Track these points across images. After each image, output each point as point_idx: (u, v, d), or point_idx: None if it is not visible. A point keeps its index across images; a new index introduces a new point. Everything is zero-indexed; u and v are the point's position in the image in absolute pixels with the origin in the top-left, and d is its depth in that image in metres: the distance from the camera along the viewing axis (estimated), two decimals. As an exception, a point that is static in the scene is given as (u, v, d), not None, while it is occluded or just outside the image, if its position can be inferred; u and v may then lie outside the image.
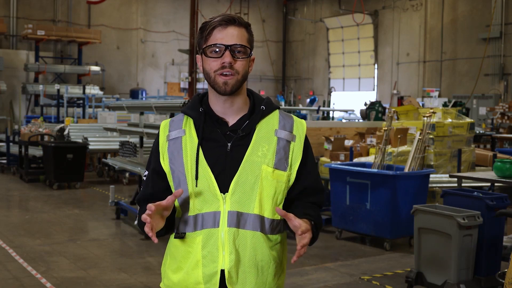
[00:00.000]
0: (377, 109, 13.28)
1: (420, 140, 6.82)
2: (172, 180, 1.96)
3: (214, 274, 1.89)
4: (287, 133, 1.98)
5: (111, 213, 8.50)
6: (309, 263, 6.09)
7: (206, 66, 1.94)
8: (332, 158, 8.62)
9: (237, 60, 1.91)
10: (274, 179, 1.92)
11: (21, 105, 20.68)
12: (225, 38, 1.90)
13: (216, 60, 1.91)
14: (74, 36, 21.78)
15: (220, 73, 1.90)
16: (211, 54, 1.91)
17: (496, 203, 4.93)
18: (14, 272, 5.61)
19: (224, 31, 1.91)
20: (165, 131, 2.01)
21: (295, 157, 1.98)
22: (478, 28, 20.98)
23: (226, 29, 1.91)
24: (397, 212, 6.50)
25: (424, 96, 20.77)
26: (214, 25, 1.91)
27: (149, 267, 5.85)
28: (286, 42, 29.88)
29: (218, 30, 1.91)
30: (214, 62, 1.91)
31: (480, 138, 13.26)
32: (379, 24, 25.18)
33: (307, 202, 2.01)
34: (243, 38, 1.93)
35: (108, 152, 12.82)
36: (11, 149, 13.21)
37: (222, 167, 1.91)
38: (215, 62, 1.91)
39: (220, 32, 1.91)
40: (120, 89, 24.36)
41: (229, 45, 1.89)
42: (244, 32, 1.94)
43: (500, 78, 20.28)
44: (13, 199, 10.15)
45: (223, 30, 1.91)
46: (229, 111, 1.97)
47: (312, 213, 1.95)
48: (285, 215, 1.81)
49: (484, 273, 4.95)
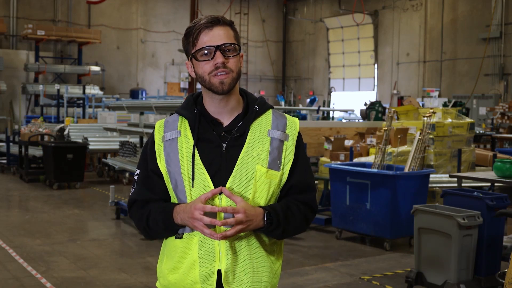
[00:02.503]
0: (377, 109, 13.28)
1: (420, 140, 6.82)
2: (170, 181, 1.97)
3: (211, 274, 1.91)
4: (280, 133, 1.99)
5: (111, 213, 8.50)
6: (309, 263, 6.09)
7: (198, 70, 1.94)
8: (332, 158, 8.62)
9: (229, 59, 1.92)
10: (268, 179, 1.94)
11: (21, 105, 20.68)
12: (213, 39, 1.91)
13: (208, 63, 1.91)
14: (74, 36, 21.78)
15: (214, 74, 1.91)
16: (202, 58, 1.92)
17: (496, 203, 4.93)
18: (14, 272, 5.61)
19: (211, 33, 1.91)
20: (160, 132, 2.01)
21: (287, 157, 1.99)
22: (478, 28, 20.97)
23: (212, 31, 1.92)
24: (397, 212, 6.50)
25: (424, 96, 20.76)
26: (200, 28, 1.92)
27: (149, 267, 5.85)
28: (286, 42, 29.88)
29: (205, 33, 1.92)
30: (206, 65, 1.92)
31: (480, 138, 13.26)
32: (379, 24, 25.18)
33: (293, 199, 2.00)
34: (230, 37, 1.93)
35: (108, 152, 12.82)
36: (11, 149, 13.21)
37: (217, 167, 1.93)
38: (207, 64, 1.92)
39: (206, 34, 1.91)
40: (120, 89, 24.35)
41: (218, 46, 1.90)
42: (230, 30, 1.95)
43: (500, 78, 20.28)
44: (13, 199, 10.15)
45: (210, 32, 1.91)
46: (224, 111, 1.98)
47: (277, 207, 1.93)
48: (229, 196, 1.85)
49: (484, 273, 4.95)
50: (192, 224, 1.84)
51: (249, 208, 1.85)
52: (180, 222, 1.90)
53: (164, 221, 1.94)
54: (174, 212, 1.91)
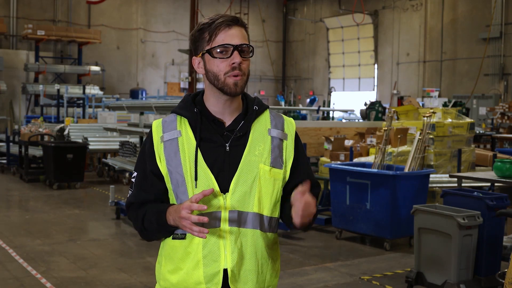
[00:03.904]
0: (377, 109, 13.28)
1: (420, 140, 6.82)
2: (170, 182, 1.95)
3: (216, 273, 1.90)
4: (279, 131, 2.00)
5: (111, 213, 8.50)
6: (309, 263, 6.09)
7: (212, 68, 1.92)
8: (332, 158, 8.62)
9: (244, 60, 1.91)
10: (271, 177, 1.95)
11: (21, 105, 20.69)
12: (232, 39, 1.89)
13: (225, 61, 1.89)
14: (74, 36, 21.78)
15: (231, 74, 1.89)
16: (218, 55, 1.90)
17: (496, 203, 4.93)
18: (14, 272, 5.61)
19: (230, 31, 1.90)
20: (159, 132, 1.99)
21: (288, 155, 2.00)
22: (478, 28, 20.98)
23: (231, 29, 1.90)
24: (397, 212, 6.49)
25: (424, 96, 20.76)
26: (219, 25, 1.90)
27: (149, 267, 5.85)
28: (286, 42, 29.88)
29: (224, 31, 1.90)
30: (222, 63, 1.90)
31: (480, 138, 13.27)
32: (379, 24, 25.18)
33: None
34: (246, 38, 1.94)
35: (108, 152, 12.82)
36: (11, 149, 13.21)
37: (221, 167, 1.92)
38: (223, 63, 1.90)
39: (225, 32, 1.90)
40: (120, 89, 24.35)
41: (237, 45, 1.89)
42: (245, 32, 1.95)
43: (500, 78, 20.28)
44: (13, 199, 10.15)
45: (229, 31, 1.90)
46: (227, 112, 1.97)
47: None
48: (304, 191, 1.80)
49: (484, 273, 4.95)
50: (181, 223, 1.82)
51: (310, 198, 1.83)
52: (172, 223, 1.88)
53: (158, 222, 1.92)
54: (167, 213, 1.89)
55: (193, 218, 1.78)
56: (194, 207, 1.78)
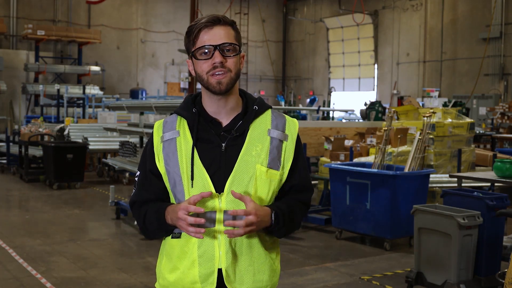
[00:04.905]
0: (377, 109, 13.28)
1: (420, 140, 6.82)
2: (168, 181, 1.98)
3: (210, 273, 1.91)
4: (279, 132, 2.00)
5: (111, 213, 8.50)
6: (309, 263, 6.09)
7: (197, 69, 1.95)
8: (332, 158, 8.62)
9: (228, 58, 1.92)
10: (267, 178, 1.95)
11: (21, 105, 20.68)
12: (212, 39, 1.91)
13: (207, 62, 1.92)
14: (74, 36, 21.78)
15: (212, 73, 1.91)
16: (201, 56, 1.93)
17: (496, 203, 4.93)
18: (14, 272, 5.61)
19: (211, 32, 1.92)
20: (159, 132, 2.02)
21: (287, 157, 2.00)
22: (478, 28, 20.98)
23: (212, 30, 1.92)
24: (397, 212, 6.49)
25: (424, 96, 20.76)
26: (200, 27, 1.92)
27: (149, 267, 5.85)
28: (286, 42, 29.88)
29: (205, 32, 1.92)
30: (205, 64, 1.92)
31: (480, 138, 13.27)
32: (379, 24, 25.18)
33: (293, 198, 2.03)
34: (230, 36, 1.94)
35: (108, 152, 12.81)
36: (11, 149, 13.21)
37: (217, 167, 1.93)
38: (205, 63, 1.92)
39: (206, 33, 1.92)
40: (120, 89, 24.36)
41: (217, 45, 1.91)
42: (231, 30, 1.95)
43: (500, 78, 20.28)
44: (13, 199, 10.15)
45: (210, 31, 1.92)
46: (223, 111, 1.98)
47: (283, 207, 1.95)
48: (240, 198, 1.84)
49: (484, 273, 4.95)
50: (178, 224, 1.85)
51: (259, 209, 1.86)
52: (170, 222, 1.91)
53: (158, 221, 1.96)
54: (166, 212, 1.93)
55: (190, 220, 1.81)
56: (190, 209, 1.81)
